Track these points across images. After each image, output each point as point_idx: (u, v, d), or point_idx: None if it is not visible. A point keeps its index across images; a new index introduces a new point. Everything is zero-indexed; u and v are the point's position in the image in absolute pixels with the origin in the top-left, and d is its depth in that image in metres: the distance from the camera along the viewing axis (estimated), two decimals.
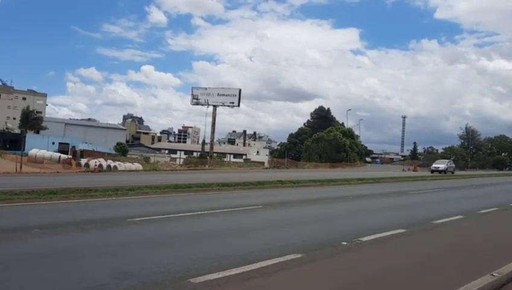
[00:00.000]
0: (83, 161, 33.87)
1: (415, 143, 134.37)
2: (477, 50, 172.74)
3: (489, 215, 12.26)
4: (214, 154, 59.15)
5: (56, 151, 46.77)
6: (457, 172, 56.52)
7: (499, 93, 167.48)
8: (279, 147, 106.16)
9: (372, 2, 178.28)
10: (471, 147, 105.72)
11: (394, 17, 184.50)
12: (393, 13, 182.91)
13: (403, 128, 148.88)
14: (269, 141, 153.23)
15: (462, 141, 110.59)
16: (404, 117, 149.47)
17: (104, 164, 32.68)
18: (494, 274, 5.32)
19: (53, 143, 55.26)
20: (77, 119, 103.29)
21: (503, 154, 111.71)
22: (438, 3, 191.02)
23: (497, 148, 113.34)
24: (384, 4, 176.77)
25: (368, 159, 77.46)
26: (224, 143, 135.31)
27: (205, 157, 55.01)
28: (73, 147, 55.23)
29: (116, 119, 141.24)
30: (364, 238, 7.49)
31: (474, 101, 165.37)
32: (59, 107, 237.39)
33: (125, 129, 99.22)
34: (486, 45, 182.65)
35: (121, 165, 33.14)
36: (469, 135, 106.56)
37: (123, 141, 73.91)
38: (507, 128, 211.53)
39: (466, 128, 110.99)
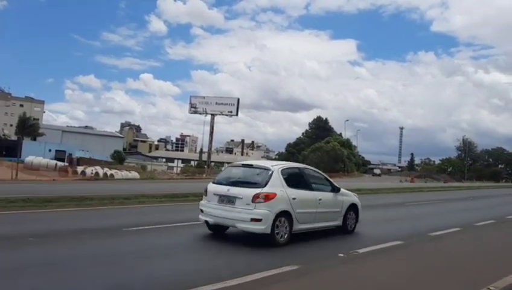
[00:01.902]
0: (80, 169, 33.79)
1: (412, 154, 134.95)
2: (474, 63, 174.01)
3: (486, 227, 12.24)
4: (212, 163, 59.11)
5: (52, 159, 46.67)
6: (454, 184, 56.68)
7: (496, 106, 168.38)
8: (277, 157, 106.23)
9: (368, 14, 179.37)
10: (468, 159, 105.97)
11: (391, 29, 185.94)
12: (390, 25, 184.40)
13: (401, 140, 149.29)
14: (267, 150, 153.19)
15: (459, 152, 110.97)
16: (401, 128, 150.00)
17: (101, 172, 32.60)
18: (490, 288, 5.32)
19: (50, 150, 55.10)
20: (74, 127, 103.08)
21: (500, 166, 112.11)
22: (434, 16, 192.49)
23: (494, 160, 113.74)
24: (381, 16, 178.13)
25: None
26: (222, 152, 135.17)
27: (203, 166, 54.91)
28: (70, 154, 55.10)
29: (114, 127, 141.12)
30: (361, 250, 7.47)
31: (471, 113, 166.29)
32: (57, 115, 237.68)
33: (122, 137, 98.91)
34: (482, 58, 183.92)
35: (118, 174, 33.06)
36: (466, 147, 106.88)
37: (120, 149, 73.70)
38: (504, 141, 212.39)
39: (463, 140, 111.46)
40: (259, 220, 7.34)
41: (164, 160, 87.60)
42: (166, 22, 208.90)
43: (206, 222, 8.28)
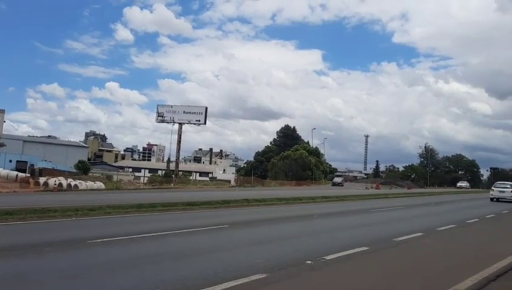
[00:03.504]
0: (42, 180, 32.62)
1: (377, 161, 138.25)
2: (434, 73, 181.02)
3: (448, 232, 12.69)
4: (180, 172, 58.38)
5: (13, 170, 44.90)
6: (417, 190, 58.33)
7: (455, 114, 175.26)
8: (245, 165, 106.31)
9: (333, 25, 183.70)
10: (430, 166, 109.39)
11: (354, 40, 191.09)
12: (354, 36, 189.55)
13: (366, 147, 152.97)
14: (236, 159, 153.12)
15: (422, 159, 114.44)
16: (366, 136, 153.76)
17: (64, 182, 31.60)
18: None
19: (10, 161, 53.01)
20: (37, 137, 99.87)
21: (460, 172, 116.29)
22: (395, 28, 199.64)
23: (454, 167, 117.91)
24: (345, 28, 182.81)
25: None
26: (190, 161, 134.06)
27: (170, 176, 54.18)
28: (32, 165, 53.21)
29: (78, 137, 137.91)
30: (329, 257, 7.57)
31: (431, 121, 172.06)
32: (18, 124, 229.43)
33: (87, 147, 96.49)
34: (441, 68, 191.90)
35: (82, 184, 32.15)
36: (428, 154, 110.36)
37: (85, 159, 71.81)
38: (463, 148, 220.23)
39: (425, 147, 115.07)
40: None
41: (131, 170, 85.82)
42: (133, 31, 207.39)
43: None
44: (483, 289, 5.86)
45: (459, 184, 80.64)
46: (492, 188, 33.84)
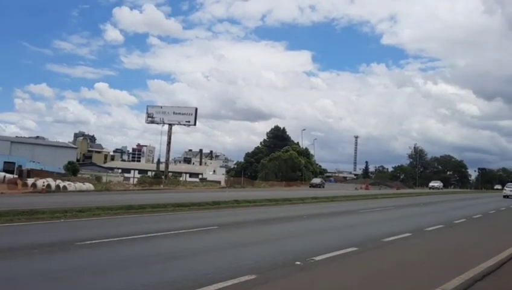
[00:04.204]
0: (30, 181, 32.24)
1: (366, 162, 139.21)
2: (422, 74, 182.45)
3: (436, 232, 12.83)
4: (169, 173, 58.19)
5: (1, 171, 44.36)
6: (406, 190, 58.84)
7: (443, 116, 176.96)
8: (235, 166, 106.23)
9: (322, 26, 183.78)
10: (419, 166, 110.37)
11: (344, 41, 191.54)
12: (343, 38, 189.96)
13: (355, 148, 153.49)
14: (226, 160, 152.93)
15: (411, 160, 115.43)
16: (356, 137, 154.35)
17: (53, 184, 31.25)
18: None
19: None
20: (25, 137, 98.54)
21: (448, 172, 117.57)
22: (383, 29, 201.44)
23: (443, 167, 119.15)
24: (334, 29, 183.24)
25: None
26: (180, 162, 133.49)
27: (160, 177, 53.91)
28: (20, 166, 52.57)
29: (67, 138, 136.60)
30: (318, 258, 7.62)
31: (420, 122, 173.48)
32: (5, 125, 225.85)
33: (76, 148, 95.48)
34: (430, 70, 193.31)
35: (71, 185, 31.82)
36: (417, 155, 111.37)
37: (74, 160, 71.11)
38: (451, 149, 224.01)
39: (414, 147, 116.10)
40: None
41: (120, 171, 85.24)
42: (122, 32, 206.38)
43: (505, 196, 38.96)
44: (470, 288, 5.94)
45: (431, 184, 74.89)
46: (505, 187, 46.50)
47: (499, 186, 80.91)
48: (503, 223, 18.10)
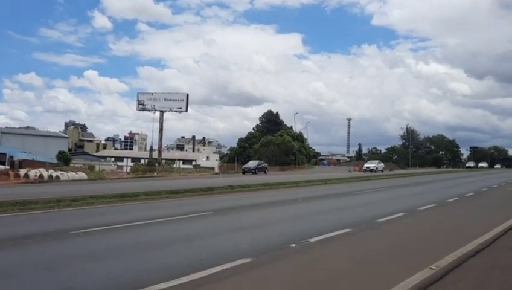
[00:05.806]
0: (22, 172, 32.01)
1: (359, 144, 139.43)
2: (413, 54, 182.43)
3: (428, 211, 12.96)
4: (163, 160, 57.97)
5: None
6: (399, 171, 59.31)
7: (435, 95, 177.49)
8: (229, 152, 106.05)
9: (312, 8, 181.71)
10: (412, 147, 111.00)
11: (334, 23, 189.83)
12: (333, 19, 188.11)
13: (348, 131, 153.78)
14: (219, 146, 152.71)
15: (403, 141, 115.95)
16: (349, 119, 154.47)
17: (45, 174, 31.06)
18: (432, 267, 5.63)
19: None
20: (15, 128, 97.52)
21: (440, 152, 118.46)
22: (373, 10, 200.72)
23: (435, 147, 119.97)
24: (324, 11, 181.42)
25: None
26: (173, 149, 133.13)
27: (153, 164, 53.76)
28: (11, 157, 52.13)
29: (57, 127, 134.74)
30: (313, 239, 7.66)
31: (412, 103, 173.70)
32: None
33: (67, 137, 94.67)
34: (421, 50, 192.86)
35: (64, 175, 31.65)
36: (409, 135, 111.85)
37: (65, 149, 70.64)
38: (444, 129, 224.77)
39: (407, 128, 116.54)
40: None
41: (113, 159, 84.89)
42: (111, 18, 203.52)
43: None
44: (463, 264, 6.01)
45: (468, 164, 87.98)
46: (479, 164, 49.04)
47: (471, 164, 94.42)
48: (495, 200, 18.30)
